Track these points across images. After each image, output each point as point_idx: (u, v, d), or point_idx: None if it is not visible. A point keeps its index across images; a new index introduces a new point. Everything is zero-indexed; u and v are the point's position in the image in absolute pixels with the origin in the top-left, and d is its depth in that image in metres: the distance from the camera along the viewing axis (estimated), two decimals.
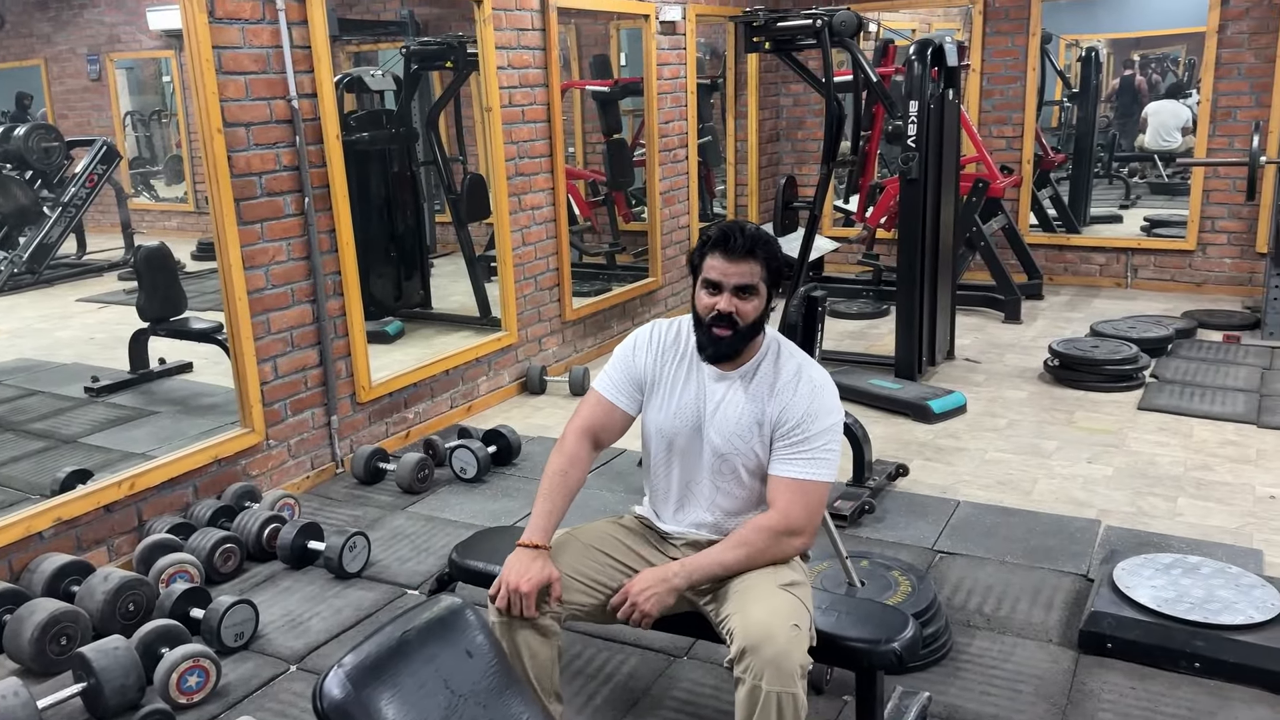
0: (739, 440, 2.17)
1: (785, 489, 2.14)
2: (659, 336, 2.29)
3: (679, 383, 2.24)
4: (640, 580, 2.10)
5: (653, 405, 2.27)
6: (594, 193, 7.29)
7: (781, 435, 2.15)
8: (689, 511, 2.28)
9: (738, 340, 2.14)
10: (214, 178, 3.60)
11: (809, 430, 2.13)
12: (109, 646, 2.62)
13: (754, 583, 2.09)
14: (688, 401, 2.22)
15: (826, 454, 2.15)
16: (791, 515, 2.12)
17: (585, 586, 2.19)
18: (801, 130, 7.99)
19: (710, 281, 2.13)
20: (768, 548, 2.12)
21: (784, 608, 2.01)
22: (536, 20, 5.09)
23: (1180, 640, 2.67)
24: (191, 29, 3.47)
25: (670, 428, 2.24)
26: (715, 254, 2.12)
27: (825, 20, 4.80)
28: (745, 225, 2.13)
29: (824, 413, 2.15)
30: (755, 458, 2.18)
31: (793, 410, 2.14)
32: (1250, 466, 4.00)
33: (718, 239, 2.12)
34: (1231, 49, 6.47)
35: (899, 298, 5.16)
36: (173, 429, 4.49)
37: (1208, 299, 6.67)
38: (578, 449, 2.26)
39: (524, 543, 2.13)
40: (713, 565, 2.11)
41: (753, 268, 2.11)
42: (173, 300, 4.96)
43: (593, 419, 2.29)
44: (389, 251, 5.98)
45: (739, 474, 2.21)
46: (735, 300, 2.11)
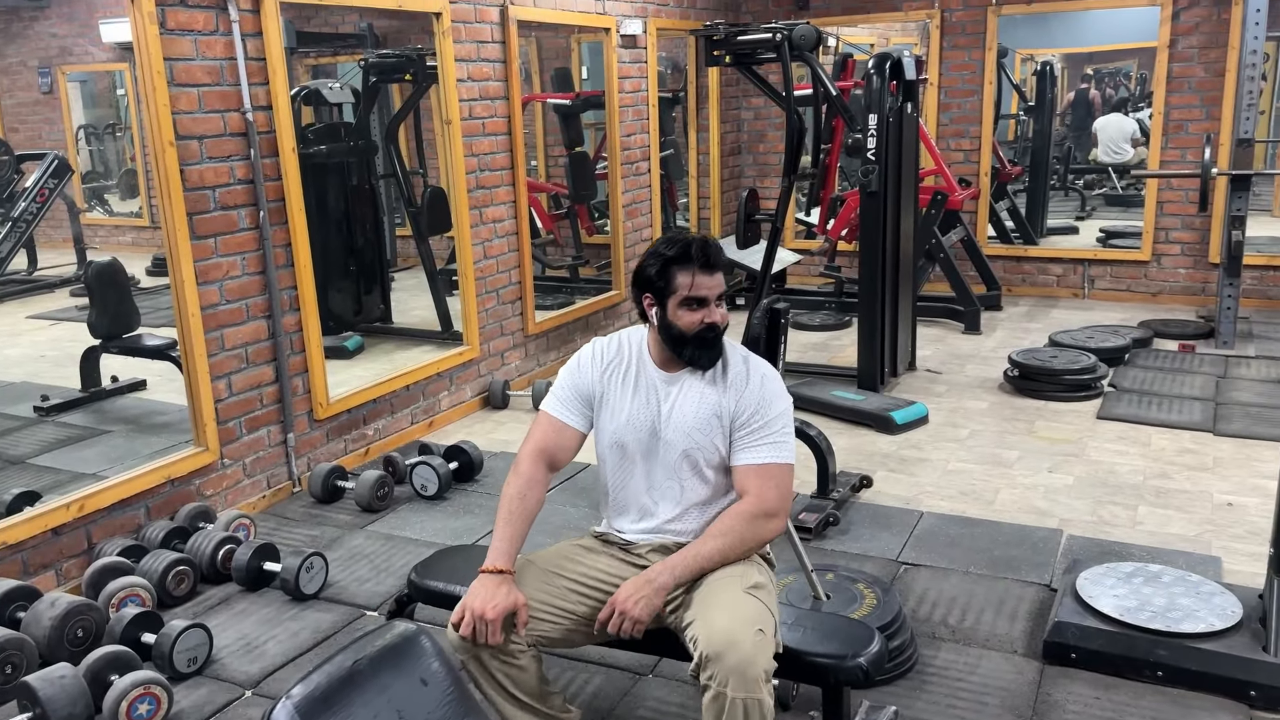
0: (699, 435, 2.20)
1: (755, 475, 2.17)
2: (600, 352, 2.31)
3: (627, 392, 2.26)
4: (625, 589, 2.07)
5: (603, 419, 2.28)
6: (556, 206, 7.27)
7: (741, 425, 2.19)
8: (654, 516, 2.26)
9: (718, 343, 2.21)
10: (166, 191, 3.53)
11: (767, 415, 2.19)
12: (55, 675, 2.54)
13: (718, 587, 2.08)
14: (639, 407, 2.24)
15: (785, 437, 2.21)
16: (766, 498, 2.16)
17: (550, 614, 2.16)
18: (763, 143, 8.03)
19: (694, 299, 2.15)
20: (746, 532, 2.14)
21: (747, 613, 2.00)
22: (496, 33, 5.06)
23: (1143, 649, 2.68)
24: (142, 40, 3.41)
25: (623, 435, 2.24)
26: (687, 271, 2.14)
27: (785, 34, 4.83)
28: (699, 237, 2.19)
29: (776, 398, 2.22)
30: (716, 451, 2.21)
31: (748, 399, 2.19)
32: (1207, 474, 4.05)
33: (686, 256, 2.15)
34: (1182, 63, 6.59)
35: (861, 309, 5.18)
36: (125, 448, 4.39)
37: (1163, 309, 6.77)
38: (533, 471, 2.24)
39: (487, 568, 2.10)
40: (696, 559, 2.11)
41: (720, 277, 2.19)
42: (125, 317, 4.86)
43: (545, 440, 2.28)
44: (348, 266, 5.91)
45: (701, 470, 2.22)
46: (718, 310, 2.18)
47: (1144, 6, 6.68)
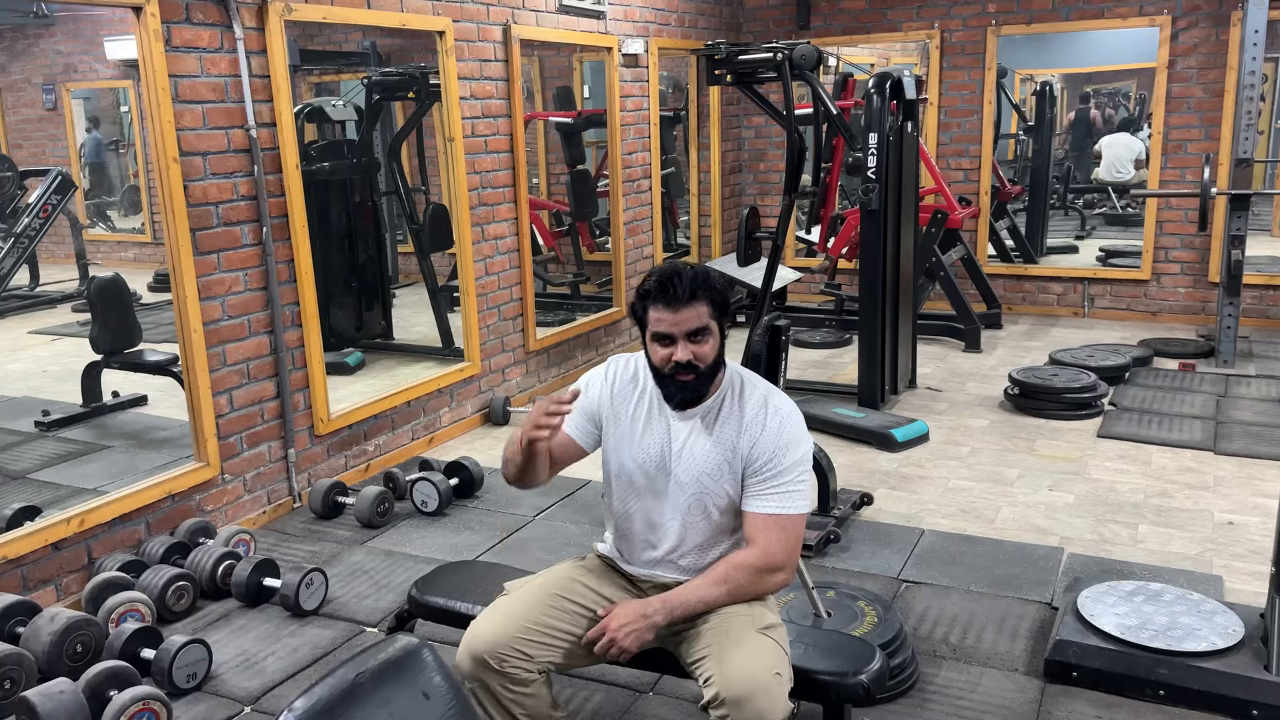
0: (709, 480, 2.13)
1: (763, 525, 2.09)
2: (615, 372, 2.25)
3: (639, 422, 2.19)
4: (619, 615, 2.05)
5: (611, 443, 2.23)
6: (558, 223, 7.30)
7: (754, 471, 2.11)
8: (656, 551, 2.23)
9: (702, 383, 2.10)
10: (169, 207, 3.55)
11: (780, 464, 2.09)
12: (54, 690, 2.53)
13: (731, 624, 2.04)
14: (651, 442, 2.18)
15: (800, 485, 2.12)
16: (772, 552, 2.09)
17: (557, 639, 2.13)
18: (763, 162, 8.06)
19: (661, 335, 2.07)
20: (749, 585, 2.09)
21: (765, 656, 1.96)
22: (499, 51, 5.09)
23: (1144, 668, 2.68)
24: (147, 57, 3.43)
25: (633, 469, 2.19)
26: (658, 306, 2.05)
27: (786, 54, 4.86)
28: (681, 269, 2.07)
29: (793, 444, 2.11)
30: (726, 496, 2.14)
31: (763, 446, 2.10)
32: (1208, 493, 4.05)
33: (657, 290, 2.05)
34: (1181, 84, 6.63)
35: (861, 327, 5.19)
36: (126, 464, 4.39)
37: (1163, 328, 6.78)
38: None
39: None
40: (695, 602, 2.07)
41: (698, 310, 2.04)
42: (127, 332, 4.87)
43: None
44: (350, 282, 5.93)
45: (709, 513, 2.16)
46: (692, 346, 2.05)
47: (1143, 27, 6.72)
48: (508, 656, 2.07)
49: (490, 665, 2.07)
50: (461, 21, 4.81)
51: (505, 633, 2.09)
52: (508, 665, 2.07)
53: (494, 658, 2.07)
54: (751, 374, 2.23)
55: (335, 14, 4.16)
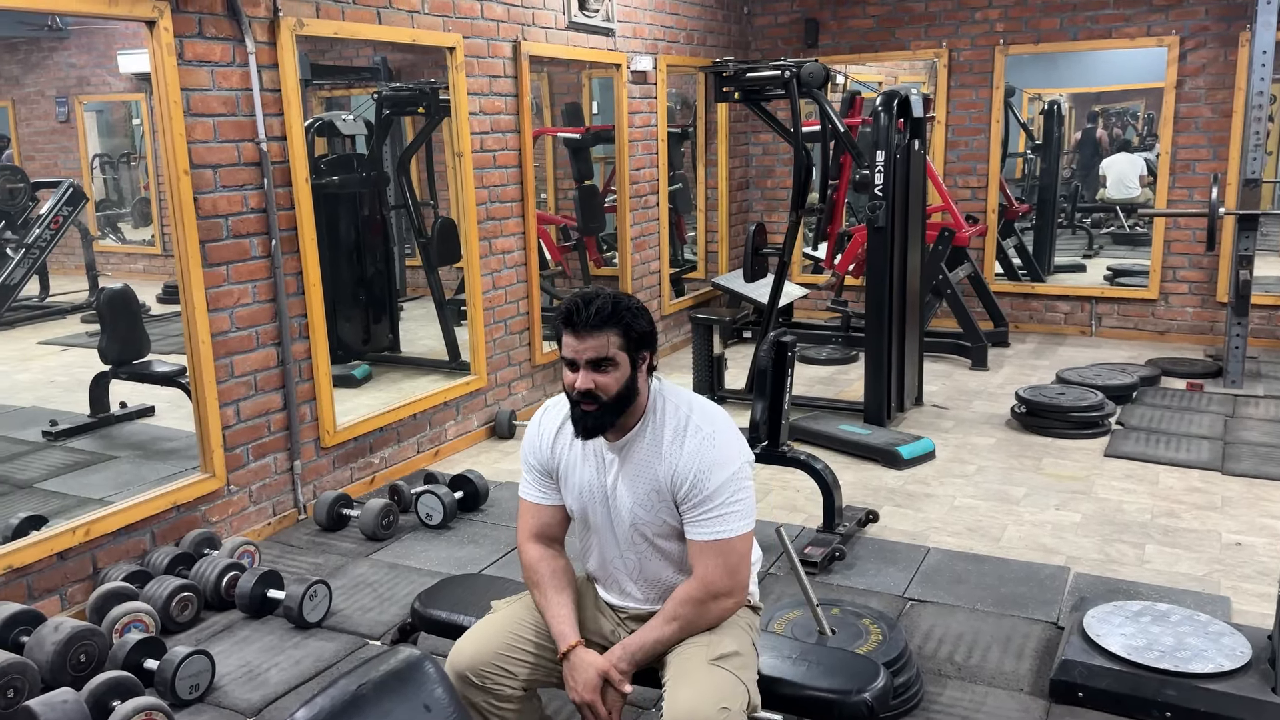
0: (643, 511, 2.10)
1: (701, 553, 2.05)
2: (547, 422, 2.21)
3: (577, 461, 2.16)
4: (584, 685, 2.03)
5: (563, 487, 2.21)
6: (565, 238, 7.32)
7: (683, 498, 2.05)
8: (619, 586, 2.23)
9: (604, 414, 2.03)
10: (179, 219, 3.57)
11: (706, 488, 2.02)
12: (58, 700, 2.53)
13: (687, 655, 2.03)
14: (588, 478, 2.15)
15: (733, 506, 2.04)
16: (711, 579, 2.04)
17: (536, 658, 2.14)
18: (771, 178, 8.08)
19: (567, 360, 2.04)
20: (697, 618, 2.06)
21: (712, 690, 1.94)
22: (509, 68, 5.12)
23: (1151, 689, 2.66)
24: (160, 71, 3.46)
25: (579, 507, 2.18)
26: (566, 331, 2.02)
27: (794, 71, 4.88)
28: (594, 296, 2.01)
29: (717, 465, 2.03)
30: (665, 524, 2.10)
31: (683, 470, 2.03)
32: (1216, 513, 4.03)
33: (565, 315, 2.01)
34: (1189, 104, 6.63)
35: (867, 344, 5.18)
36: (132, 474, 4.40)
37: (1171, 347, 6.77)
38: (535, 553, 2.20)
39: (562, 653, 2.08)
40: (652, 644, 2.07)
41: (603, 340, 1.99)
42: (135, 343, 4.89)
43: (534, 525, 2.23)
44: (358, 295, 5.95)
45: (655, 543, 2.14)
46: (594, 375, 2.00)
47: (1151, 48, 6.73)
48: (489, 673, 2.09)
49: (473, 682, 2.09)
50: (472, 38, 4.84)
51: (488, 649, 2.11)
52: (489, 682, 2.09)
53: (475, 674, 2.08)
54: (678, 392, 2.15)
55: (346, 29, 4.19)
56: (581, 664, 2.05)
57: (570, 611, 2.12)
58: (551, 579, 2.15)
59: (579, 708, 2.07)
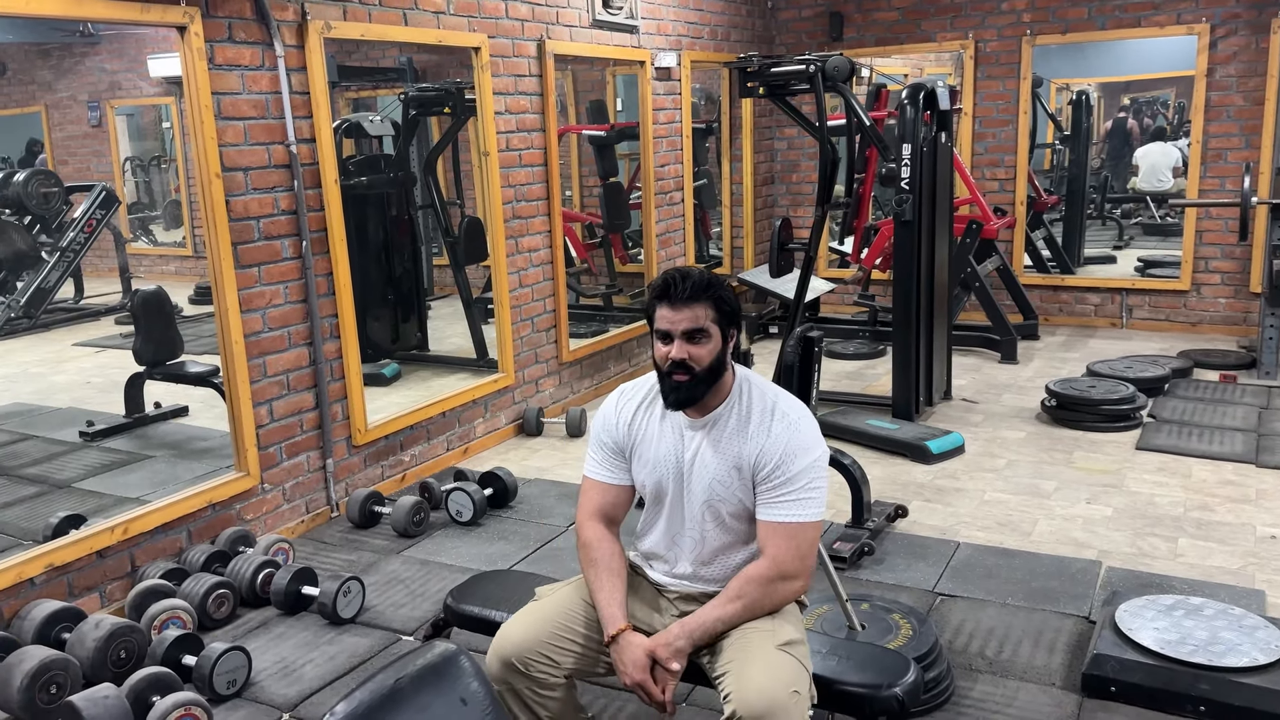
0: (720, 487, 2.14)
1: (773, 534, 2.09)
2: (625, 401, 2.27)
3: (654, 437, 2.21)
4: (636, 666, 2.04)
5: (636, 464, 2.25)
6: (591, 235, 7.34)
7: (763, 478, 2.10)
8: (676, 564, 2.24)
9: (697, 385, 2.10)
10: (212, 221, 3.62)
11: (789, 471, 2.08)
12: (99, 695, 2.58)
13: (751, 639, 2.04)
14: (665, 453, 2.19)
15: (811, 493, 2.10)
16: (783, 561, 2.08)
17: (585, 646, 2.16)
18: (796, 173, 8.06)
19: (661, 331, 2.10)
20: (763, 598, 2.08)
21: (783, 672, 1.96)
22: (534, 67, 5.14)
23: (1184, 683, 2.64)
24: (191, 75, 3.51)
25: (654, 481, 2.21)
26: (661, 304, 2.09)
27: (819, 65, 4.86)
28: (689, 271, 2.10)
29: (802, 450, 2.10)
30: (739, 503, 2.15)
31: (770, 451, 2.10)
32: (1250, 506, 3.99)
33: (660, 289, 2.09)
34: (1220, 92, 6.55)
35: (895, 338, 5.17)
36: (167, 473, 4.47)
37: (1203, 339, 6.69)
38: (597, 530, 2.22)
39: (611, 635, 2.10)
40: (713, 622, 2.07)
41: (698, 311, 2.07)
42: (169, 344, 4.95)
43: (597, 503, 2.26)
44: (386, 294, 5.99)
45: (724, 520, 2.17)
46: (687, 346, 2.07)
47: (1180, 36, 6.65)
48: (534, 661, 2.11)
49: (517, 668, 2.11)
50: (497, 38, 4.87)
51: (533, 637, 2.13)
52: (534, 669, 2.11)
53: (520, 661, 2.11)
54: (764, 382, 2.22)
55: (373, 31, 4.23)
56: (630, 645, 2.07)
57: (621, 596, 2.14)
58: (607, 561, 2.18)
59: (631, 689, 2.07)
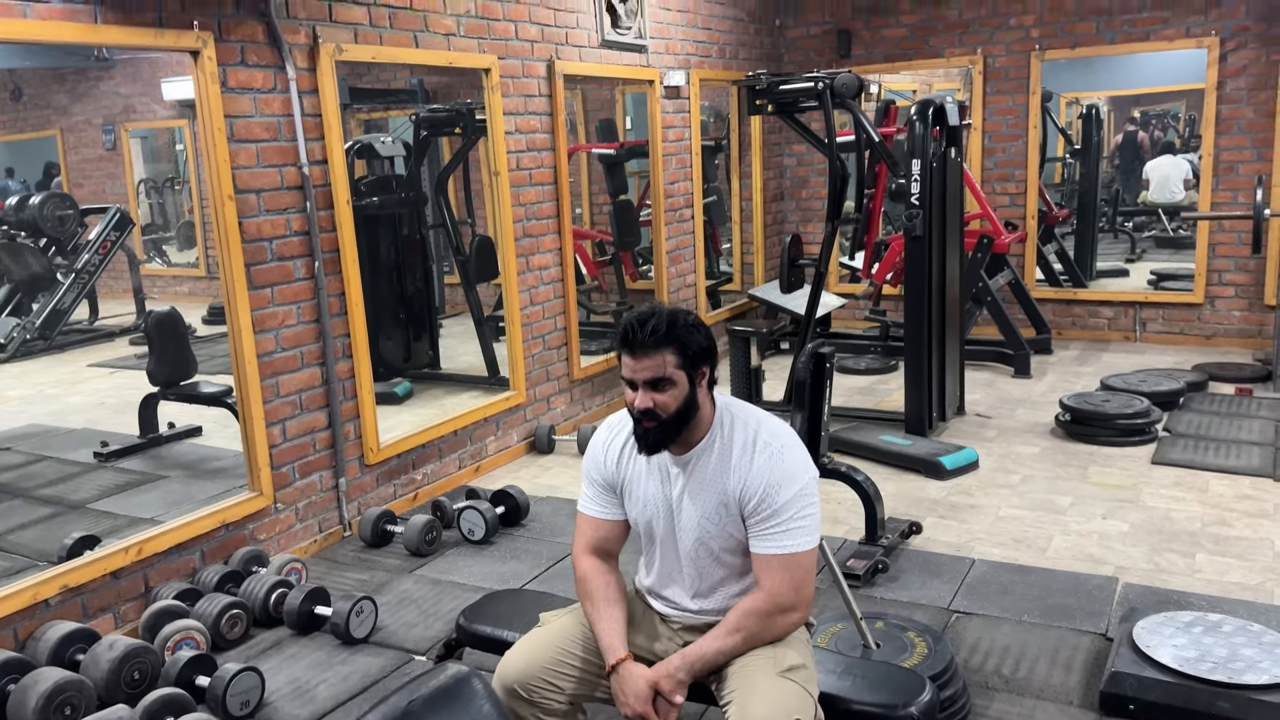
0: (710, 525, 2.12)
1: (767, 567, 2.07)
2: (612, 438, 2.24)
3: (641, 475, 2.19)
4: (638, 698, 2.02)
5: (628, 502, 2.23)
6: (601, 252, 7.35)
7: (750, 511, 2.07)
8: (677, 599, 2.23)
9: (664, 431, 2.06)
10: (225, 243, 3.64)
11: (775, 502, 2.04)
12: (113, 717, 2.59)
13: (754, 668, 2.03)
14: (653, 492, 2.17)
15: (801, 521, 2.06)
16: (779, 594, 2.06)
17: (583, 673, 2.16)
18: (806, 189, 8.07)
19: (626, 379, 2.07)
20: (762, 630, 2.07)
21: (784, 700, 1.94)
22: (543, 87, 5.17)
23: (1204, 701, 2.61)
24: (204, 98, 3.54)
25: (645, 520, 2.20)
26: (623, 351, 2.05)
27: (827, 83, 4.88)
28: (650, 315, 2.03)
29: (787, 480, 2.05)
30: (731, 538, 2.12)
31: (753, 484, 2.06)
32: (1268, 521, 3.95)
33: (621, 336, 2.04)
34: (1231, 105, 6.53)
35: (907, 353, 5.15)
36: (181, 493, 4.48)
37: (1218, 352, 6.65)
38: (594, 563, 2.22)
39: (611, 665, 2.09)
40: (714, 654, 2.06)
41: (659, 360, 2.01)
42: (183, 364, 4.98)
43: (591, 539, 2.25)
44: (398, 313, 6.02)
45: (718, 555, 2.15)
46: (652, 394, 2.02)
47: (1190, 49, 6.64)
48: (536, 687, 2.11)
49: (520, 695, 2.10)
50: (507, 59, 4.90)
51: (535, 663, 2.13)
52: (536, 695, 2.11)
53: (523, 688, 2.10)
54: (747, 410, 2.17)
55: (384, 54, 4.26)
56: (630, 676, 2.05)
57: (621, 626, 2.13)
58: (604, 592, 2.16)
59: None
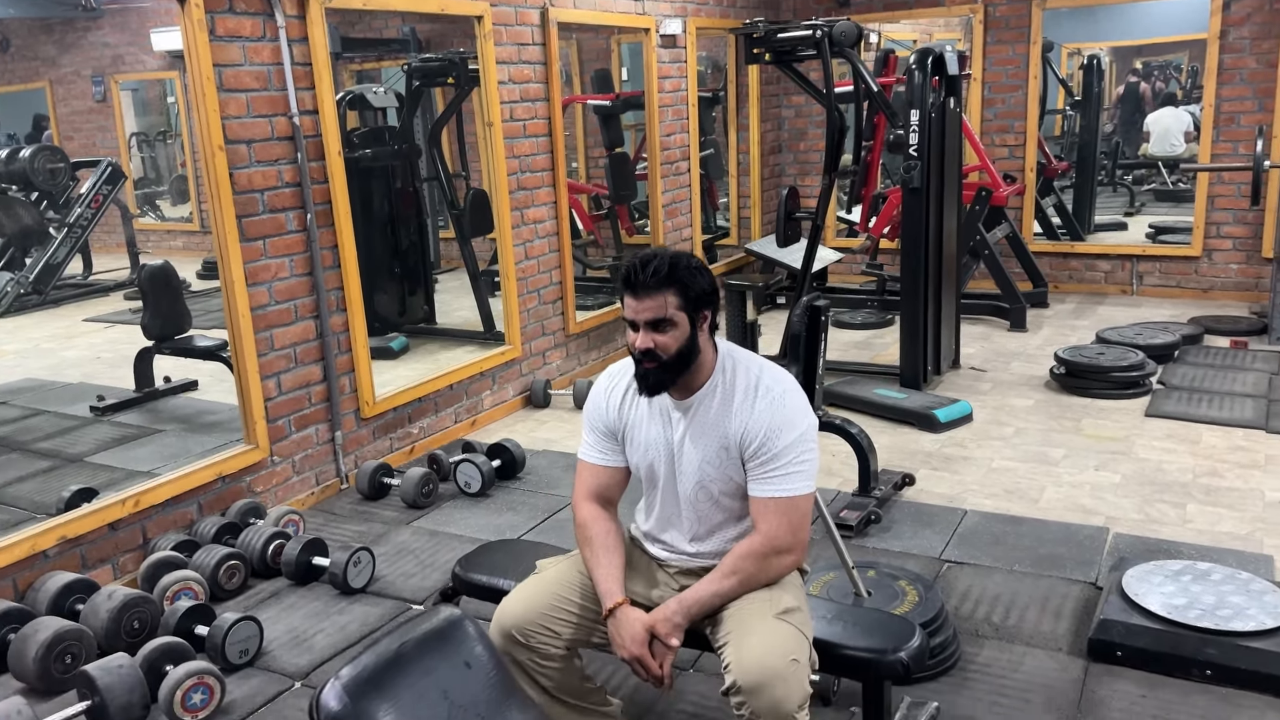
0: (710, 468, 2.13)
1: (765, 509, 2.09)
2: (613, 384, 2.25)
3: (643, 420, 2.20)
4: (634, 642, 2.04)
5: (629, 447, 2.25)
6: (597, 206, 7.31)
7: (751, 455, 2.09)
8: (674, 543, 2.25)
9: (664, 372, 2.08)
10: (216, 195, 3.62)
11: (775, 446, 2.07)
12: (113, 665, 2.62)
13: (750, 610, 2.05)
14: (654, 436, 2.19)
15: (800, 466, 2.08)
16: (775, 536, 2.08)
17: (580, 617, 2.18)
18: (803, 141, 8.00)
19: (629, 320, 2.08)
20: (758, 572, 2.08)
21: (781, 642, 1.96)
22: (537, 35, 5.10)
23: (1191, 647, 2.65)
24: (192, 47, 3.49)
25: (647, 464, 2.22)
26: (626, 292, 2.06)
27: (825, 31, 4.81)
28: (653, 257, 2.04)
29: (787, 425, 2.07)
30: (730, 481, 2.14)
31: (754, 428, 2.08)
32: (1259, 472, 3.98)
33: (624, 276, 2.06)
34: (1234, 54, 6.46)
35: (903, 307, 5.15)
36: (178, 447, 4.49)
37: (1214, 305, 6.65)
38: (593, 510, 2.22)
39: (608, 610, 2.10)
40: (710, 597, 2.08)
41: (661, 300, 2.02)
42: (177, 319, 4.97)
43: (591, 485, 2.26)
44: (393, 267, 5.99)
45: (717, 499, 2.17)
46: (653, 335, 2.04)
47: None
48: (534, 632, 2.13)
49: (518, 640, 2.13)
50: (499, 6, 4.83)
51: (532, 609, 2.15)
52: (534, 640, 2.13)
53: (520, 633, 2.13)
54: (749, 356, 2.19)
55: (375, 1, 4.19)
56: (627, 620, 2.07)
57: (619, 572, 2.15)
58: (602, 539, 2.18)
59: (628, 664, 2.09)
